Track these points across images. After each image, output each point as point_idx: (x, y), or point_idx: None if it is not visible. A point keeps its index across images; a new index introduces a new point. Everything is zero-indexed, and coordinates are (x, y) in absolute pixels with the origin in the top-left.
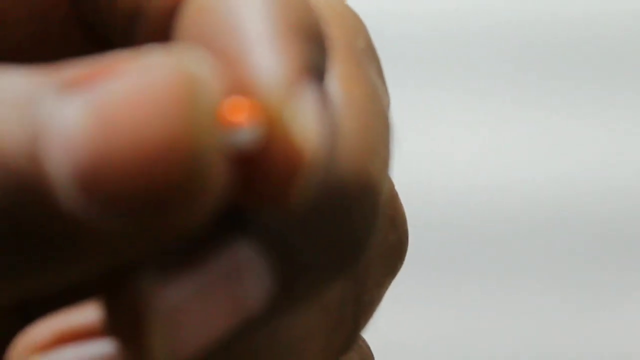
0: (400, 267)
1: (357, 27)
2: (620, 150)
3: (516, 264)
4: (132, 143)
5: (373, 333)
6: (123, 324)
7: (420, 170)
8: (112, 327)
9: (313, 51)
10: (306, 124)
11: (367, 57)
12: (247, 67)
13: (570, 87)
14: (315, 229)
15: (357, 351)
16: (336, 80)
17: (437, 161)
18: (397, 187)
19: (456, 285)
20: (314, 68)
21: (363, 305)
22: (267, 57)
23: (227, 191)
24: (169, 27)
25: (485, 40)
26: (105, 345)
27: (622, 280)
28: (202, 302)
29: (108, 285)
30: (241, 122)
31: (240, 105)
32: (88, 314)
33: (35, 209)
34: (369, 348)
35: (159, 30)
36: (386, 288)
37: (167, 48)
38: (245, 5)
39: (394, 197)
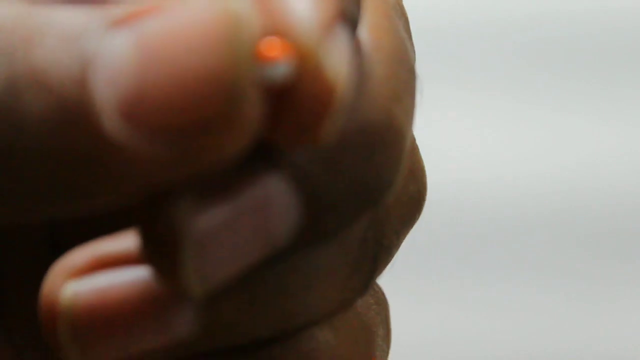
0: (418, 218)
1: None
2: (624, 146)
3: (519, 260)
4: (175, 74)
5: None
6: (158, 251)
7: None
8: (148, 253)
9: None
10: (337, 63)
11: (395, 12)
12: (283, 9)
13: (573, 82)
14: (341, 166)
15: (373, 295)
16: (366, 28)
17: (438, 156)
18: None
19: (457, 281)
20: (348, 14)
21: (382, 249)
22: (301, 3)
23: (261, 123)
24: None
25: (487, 36)
26: (140, 272)
27: (626, 275)
28: (233, 230)
29: (144, 212)
30: (276, 57)
31: (276, 42)
32: (123, 242)
33: (81, 133)
34: (383, 294)
35: None
36: (403, 237)
37: None
38: None
39: (414, 150)
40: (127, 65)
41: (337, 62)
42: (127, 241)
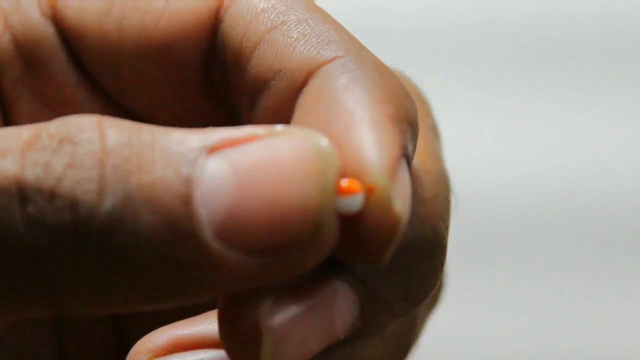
0: (440, 303)
1: (427, 106)
2: (630, 145)
3: (519, 259)
4: (267, 202)
5: None
6: (239, 342)
7: None
8: (228, 343)
9: (408, 136)
10: (402, 198)
11: (433, 130)
12: (357, 152)
13: (580, 79)
14: (395, 274)
15: None
16: (416, 153)
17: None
18: None
19: (462, 279)
20: (408, 149)
21: (414, 337)
22: (373, 147)
23: (335, 245)
24: (290, 107)
25: (493, 33)
26: (215, 355)
27: (630, 275)
28: (305, 326)
29: (228, 309)
30: (353, 192)
31: (353, 180)
32: (197, 326)
33: (185, 243)
34: None
35: (280, 107)
36: (428, 321)
37: (296, 128)
38: (356, 97)
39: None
40: (223, 191)
41: (402, 197)
42: (201, 326)
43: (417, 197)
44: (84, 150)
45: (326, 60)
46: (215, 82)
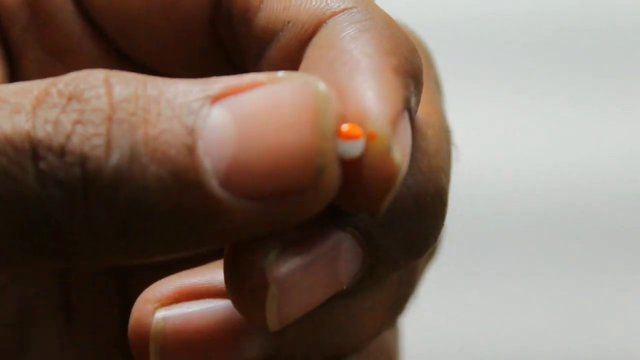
0: (437, 254)
1: (430, 58)
2: (634, 141)
3: (528, 255)
4: (269, 148)
5: None
6: (244, 291)
7: None
8: (233, 292)
9: (411, 89)
10: (402, 148)
11: (437, 85)
12: (361, 100)
13: (586, 75)
14: (397, 226)
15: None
16: (420, 107)
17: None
18: None
19: (465, 276)
20: (411, 102)
21: (412, 289)
22: (377, 96)
23: (337, 190)
24: (297, 57)
25: (499, 28)
26: (221, 304)
27: (634, 273)
28: (308, 276)
29: (235, 258)
30: (355, 137)
31: (355, 126)
32: (203, 276)
33: (191, 192)
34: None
35: (287, 58)
36: (425, 273)
37: (298, 74)
38: (363, 48)
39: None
40: (226, 140)
41: (402, 147)
42: (207, 276)
43: (420, 150)
44: (91, 107)
45: (335, 12)
46: (222, 35)
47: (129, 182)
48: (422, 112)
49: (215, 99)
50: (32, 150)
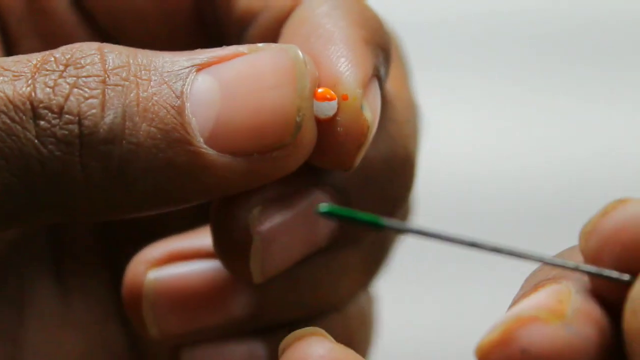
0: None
1: (397, 42)
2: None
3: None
4: (250, 108)
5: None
6: (230, 246)
7: (433, 156)
8: (220, 248)
9: (380, 59)
10: (371, 109)
11: (403, 64)
12: (334, 66)
13: (586, 70)
14: (370, 186)
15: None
16: (390, 80)
17: (451, 146)
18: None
19: (466, 274)
20: (379, 74)
21: (386, 250)
22: (348, 62)
23: (313, 146)
24: (275, 35)
25: (499, 23)
26: (209, 264)
27: None
28: (290, 232)
29: (219, 216)
30: (329, 99)
31: (327, 89)
32: (193, 239)
33: (180, 150)
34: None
35: (266, 37)
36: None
37: (277, 44)
38: (335, 21)
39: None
40: (211, 102)
41: (371, 107)
42: (196, 239)
43: (390, 119)
44: (87, 72)
45: None
46: (207, 18)
47: (123, 138)
48: (392, 86)
49: (201, 67)
50: (32, 111)
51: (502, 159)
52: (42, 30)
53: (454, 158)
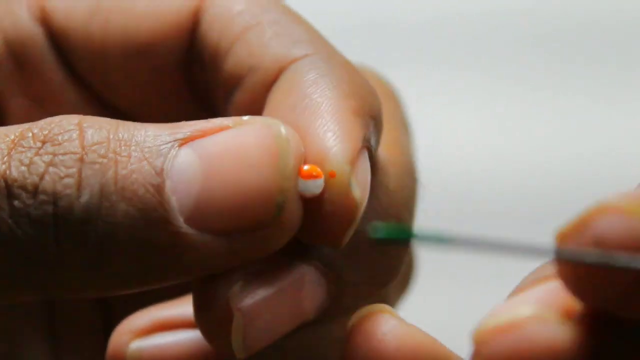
0: (412, 284)
1: (396, 101)
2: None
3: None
4: (232, 186)
5: None
6: (212, 322)
7: (434, 153)
8: (202, 323)
9: (370, 129)
10: (361, 185)
11: (403, 125)
12: (321, 142)
13: (589, 69)
14: (361, 258)
15: None
16: (383, 146)
17: (452, 144)
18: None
19: (468, 271)
20: (369, 144)
21: None
22: (336, 137)
23: (299, 225)
24: (262, 100)
25: (502, 22)
26: (192, 335)
27: None
28: (274, 307)
29: (202, 290)
30: (315, 177)
31: (314, 166)
32: (176, 309)
33: (159, 229)
34: None
35: (253, 102)
36: (399, 301)
37: (262, 117)
38: (323, 91)
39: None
40: (192, 179)
41: (361, 184)
42: (180, 308)
43: (382, 187)
44: (63, 149)
45: (296, 58)
46: (196, 80)
47: (99, 219)
48: (386, 151)
49: (184, 141)
50: (7, 190)
51: (504, 158)
52: (30, 90)
53: (456, 157)
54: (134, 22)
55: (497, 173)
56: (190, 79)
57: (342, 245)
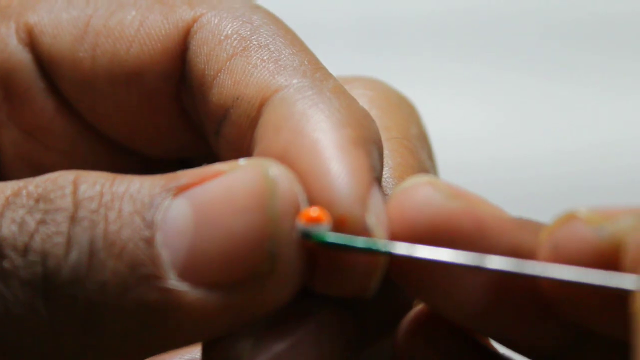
0: None
1: (411, 115)
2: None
3: None
4: (223, 237)
5: None
6: None
7: (438, 145)
8: None
9: (375, 156)
10: (380, 228)
11: (419, 141)
12: (326, 182)
13: (593, 59)
14: (385, 300)
15: None
16: (396, 169)
17: (455, 135)
18: None
19: None
20: (377, 172)
21: None
22: (342, 175)
23: (305, 276)
24: (250, 133)
25: (503, 13)
26: None
27: None
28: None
29: (210, 346)
30: (314, 220)
31: (319, 209)
32: (187, 355)
33: (150, 286)
34: None
35: (241, 134)
36: None
37: (254, 160)
38: (316, 124)
39: None
40: (184, 230)
41: (379, 220)
42: (187, 355)
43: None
44: (55, 207)
45: (280, 87)
46: (187, 107)
47: (87, 279)
48: (395, 177)
49: (179, 190)
50: None
51: (506, 149)
52: (20, 119)
53: (458, 148)
54: (122, 47)
55: (502, 164)
56: (182, 106)
57: (371, 293)
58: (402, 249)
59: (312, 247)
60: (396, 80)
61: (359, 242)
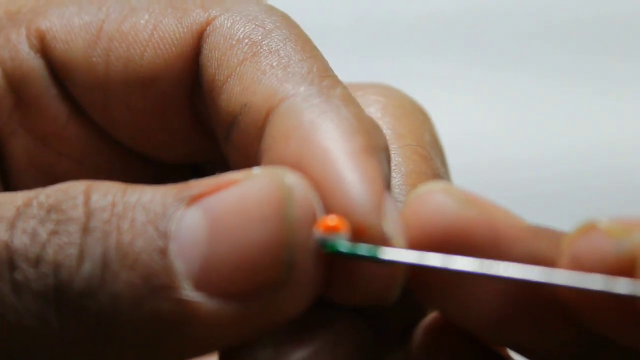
0: None
1: (424, 122)
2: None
3: None
4: (238, 246)
5: None
6: None
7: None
8: None
9: (385, 164)
10: (397, 235)
11: (433, 148)
12: (343, 192)
13: (593, 60)
14: (390, 309)
15: None
16: (410, 176)
17: (455, 135)
18: None
19: None
20: (387, 179)
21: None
22: (357, 184)
23: (322, 285)
24: (257, 141)
25: (505, 13)
26: None
27: None
28: None
29: (228, 355)
30: (333, 228)
31: (336, 217)
32: None
33: (165, 297)
34: None
35: (249, 141)
36: None
37: (269, 168)
38: (326, 133)
39: None
40: (198, 240)
41: (395, 228)
42: None
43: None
44: (67, 217)
45: (287, 95)
46: (200, 112)
47: (100, 291)
48: (407, 185)
49: (192, 199)
50: (8, 260)
51: (508, 150)
52: (32, 127)
53: (459, 149)
54: (136, 52)
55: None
56: (195, 111)
57: (392, 300)
58: (429, 259)
59: (329, 256)
60: (397, 81)
61: (379, 251)
